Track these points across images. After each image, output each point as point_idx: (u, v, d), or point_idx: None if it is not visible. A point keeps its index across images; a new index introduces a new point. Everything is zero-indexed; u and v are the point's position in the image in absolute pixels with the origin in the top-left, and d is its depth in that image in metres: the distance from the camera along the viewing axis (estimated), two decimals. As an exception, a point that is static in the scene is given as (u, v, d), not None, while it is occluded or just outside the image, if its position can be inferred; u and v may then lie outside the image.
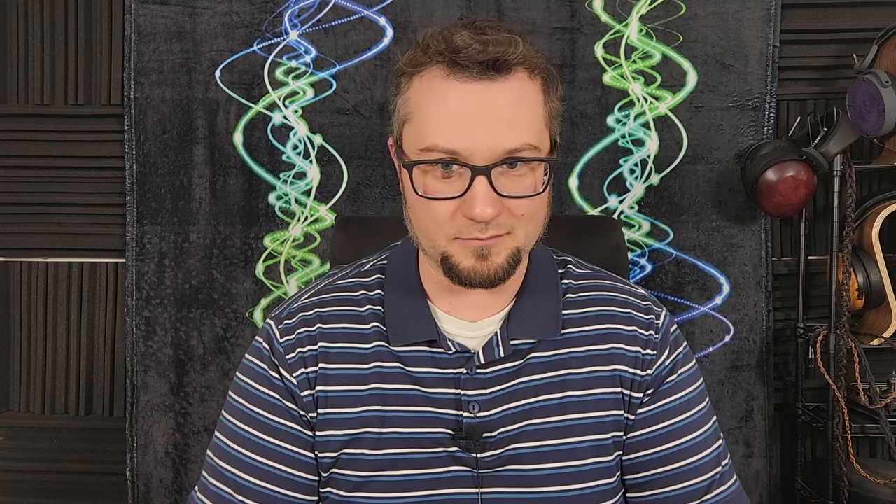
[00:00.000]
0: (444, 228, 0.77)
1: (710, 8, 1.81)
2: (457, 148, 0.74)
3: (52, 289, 1.93)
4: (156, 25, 1.84)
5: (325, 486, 0.85)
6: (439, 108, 0.75)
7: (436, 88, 0.76)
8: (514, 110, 0.75)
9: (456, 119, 0.74)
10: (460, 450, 0.83)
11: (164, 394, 1.87)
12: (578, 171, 1.84)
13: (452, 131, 0.74)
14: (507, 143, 0.74)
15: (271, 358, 0.87)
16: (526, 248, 0.81)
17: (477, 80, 0.74)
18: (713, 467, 0.87)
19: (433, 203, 0.76)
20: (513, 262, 0.79)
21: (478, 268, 0.78)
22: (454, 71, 0.75)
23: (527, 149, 0.75)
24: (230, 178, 1.86)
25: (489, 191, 0.74)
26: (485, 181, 0.74)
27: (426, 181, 0.77)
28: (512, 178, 0.76)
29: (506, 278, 0.80)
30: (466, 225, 0.76)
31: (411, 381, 0.84)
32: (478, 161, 0.74)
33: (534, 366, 0.85)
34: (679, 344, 0.90)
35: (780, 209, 1.70)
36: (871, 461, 1.79)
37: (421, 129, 0.77)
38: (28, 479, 1.94)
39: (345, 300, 0.89)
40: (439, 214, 0.77)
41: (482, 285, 0.79)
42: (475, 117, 0.74)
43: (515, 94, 0.76)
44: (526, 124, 0.76)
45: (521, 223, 0.78)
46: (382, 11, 1.83)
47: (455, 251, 0.78)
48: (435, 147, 0.75)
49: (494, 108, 0.74)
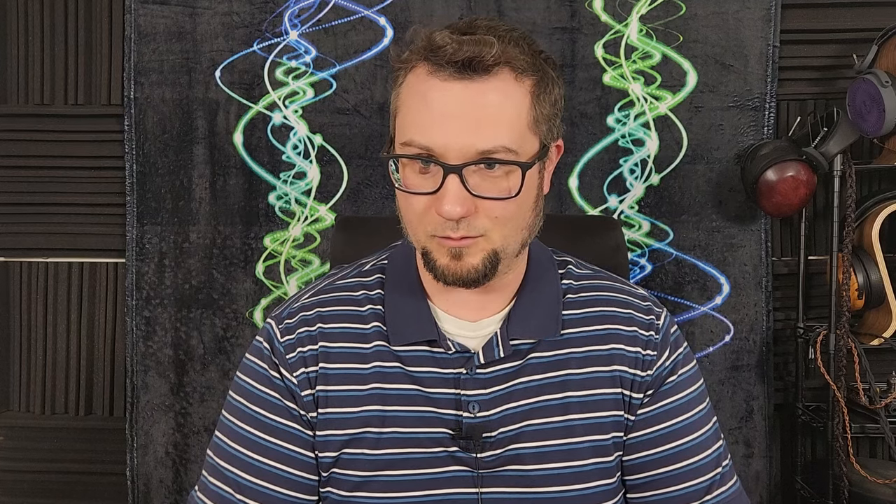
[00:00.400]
0: (423, 223, 0.78)
1: (710, 8, 1.81)
2: (431, 145, 0.75)
3: (52, 289, 1.93)
4: (156, 25, 1.84)
5: (326, 485, 0.85)
6: (419, 104, 0.77)
7: (419, 85, 0.77)
8: (491, 111, 0.75)
9: (433, 116, 0.75)
10: (460, 450, 0.83)
11: (164, 394, 1.87)
12: (578, 171, 1.84)
13: (428, 128, 0.75)
14: (480, 144, 0.74)
15: (272, 357, 0.87)
16: (506, 251, 0.80)
17: (457, 79, 0.75)
18: (713, 468, 0.87)
19: (412, 197, 0.78)
20: (489, 265, 0.79)
21: (452, 267, 0.78)
22: (436, 69, 0.75)
23: (501, 151, 0.75)
24: (230, 178, 1.86)
25: (460, 189, 0.74)
26: (456, 179, 0.74)
27: (406, 174, 0.79)
28: (487, 179, 0.76)
29: (483, 280, 0.79)
30: (440, 223, 0.76)
31: (411, 381, 0.84)
32: (451, 159, 0.74)
33: (534, 366, 0.85)
34: (679, 345, 0.90)
35: (780, 209, 1.70)
36: (871, 461, 1.79)
37: (403, 123, 0.78)
38: (28, 479, 1.94)
39: (345, 300, 0.89)
40: (417, 208, 0.78)
41: (459, 284, 0.79)
42: (451, 116, 0.75)
43: (496, 95, 0.75)
44: (504, 126, 0.75)
45: (496, 226, 0.77)
46: (382, 11, 1.83)
47: (433, 248, 0.79)
48: (412, 142, 0.76)
49: (472, 108, 0.75)
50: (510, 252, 0.81)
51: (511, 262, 0.83)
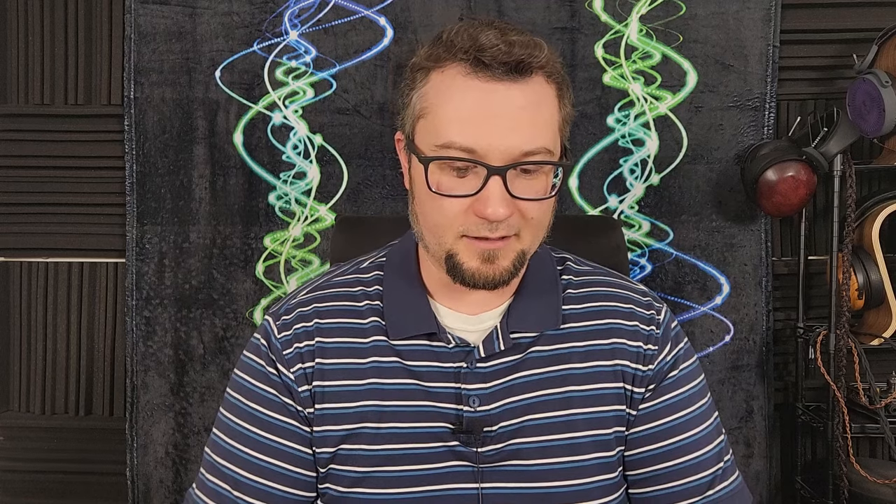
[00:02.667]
0: (454, 226, 0.77)
1: (710, 8, 1.81)
2: (474, 146, 0.74)
3: (52, 289, 1.92)
4: (156, 25, 1.84)
5: (324, 481, 0.85)
6: (459, 105, 0.76)
7: (457, 85, 0.76)
8: (532, 113, 0.76)
9: (475, 118, 0.75)
10: (460, 444, 0.83)
11: (164, 394, 1.87)
12: (578, 171, 1.84)
13: (470, 130, 0.74)
14: (523, 146, 0.75)
15: (269, 354, 0.87)
16: (530, 252, 0.82)
17: (498, 80, 0.75)
18: (715, 463, 0.87)
19: (445, 200, 0.77)
20: (518, 266, 0.80)
21: (483, 270, 0.78)
22: (476, 69, 0.75)
23: (542, 152, 0.76)
24: (230, 178, 1.86)
25: (503, 191, 0.74)
26: (499, 181, 0.74)
27: (440, 178, 0.77)
28: (524, 181, 0.76)
29: (510, 281, 0.80)
30: (476, 223, 0.76)
31: (410, 376, 0.84)
32: (494, 161, 0.74)
33: (534, 360, 0.85)
34: (680, 340, 0.90)
35: (780, 209, 1.70)
36: (871, 461, 1.79)
37: (438, 125, 0.77)
38: (28, 479, 1.93)
39: (342, 296, 0.89)
40: (450, 212, 0.77)
41: (485, 287, 0.79)
42: (494, 117, 0.74)
43: (534, 97, 0.76)
44: (542, 128, 0.76)
45: (528, 226, 0.78)
46: (382, 11, 1.83)
47: (461, 250, 0.78)
48: (452, 144, 0.75)
49: (514, 109, 0.75)
50: (532, 253, 0.82)
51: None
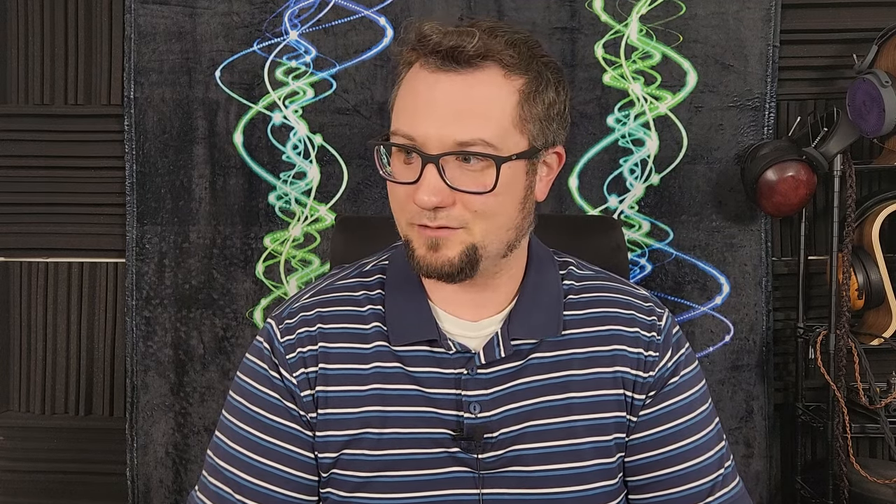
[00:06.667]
0: (405, 211, 0.79)
1: (710, 8, 1.81)
2: (412, 134, 0.76)
3: (52, 289, 1.92)
4: (156, 25, 1.84)
5: (326, 486, 0.85)
6: (406, 95, 0.79)
7: (409, 76, 0.79)
8: (473, 104, 0.76)
9: (417, 107, 0.77)
10: (461, 450, 0.83)
11: (164, 394, 1.87)
12: (578, 171, 1.84)
13: (412, 118, 0.77)
14: (457, 136, 0.75)
15: (272, 357, 0.87)
16: (487, 249, 0.79)
17: (443, 71, 0.76)
18: (716, 469, 0.87)
19: (396, 186, 0.79)
20: (466, 259, 0.78)
21: (428, 258, 0.79)
22: (423, 61, 0.77)
23: (479, 144, 0.75)
24: (230, 178, 1.85)
25: (437, 180, 0.75)
26: (433, 169, 0.75)
27: (393, 163, 0.80)
28: (466, 173, 0.76)
29: (461, 275, 0.79)
30: (418, 211, 0.77)
31: (411, 382, 0.84)
32: (430, 149, 0.75)
33: (535, 366, 0.85)
34: (681, 346, 0.90)
35: (780, 209, 1.70)
36: (871, 461, 1.79)
37: (394, 114, 0.80)
38: (28, 479, 1.93)
39: (346, 300, 0.89)
40: (398, 197, 0.80)
41: (436, 276, 0.79)
42: (433, 107, 0.76)
43: (481, 89, 0.76)
44: (484, 120, 0.76)
45: (476, 219, 0.77)
46: (382, 11, 1.83)
47: (413, 237, 0.80)
48: (397, 132, 0.78)
49: (454, 99, 0.76)
50: (492, 251, 0.80)
51: (496, 261, 0.82)
